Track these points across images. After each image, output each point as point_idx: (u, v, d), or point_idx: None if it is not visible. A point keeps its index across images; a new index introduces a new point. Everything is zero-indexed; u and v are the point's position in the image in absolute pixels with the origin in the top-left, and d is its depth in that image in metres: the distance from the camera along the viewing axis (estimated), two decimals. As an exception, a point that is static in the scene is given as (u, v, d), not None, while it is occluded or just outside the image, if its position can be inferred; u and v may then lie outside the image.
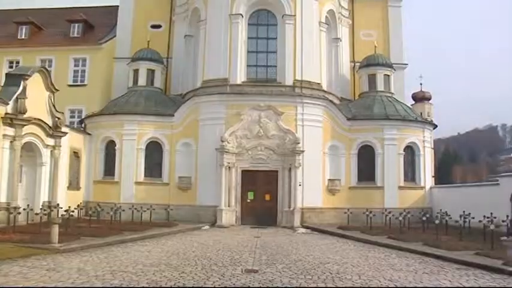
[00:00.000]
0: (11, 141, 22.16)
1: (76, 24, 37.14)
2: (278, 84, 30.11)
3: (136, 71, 32.74)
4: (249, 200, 28.70)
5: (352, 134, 30.67)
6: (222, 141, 27.86)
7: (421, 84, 60.23)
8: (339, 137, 30.48)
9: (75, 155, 29.23)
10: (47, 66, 30.23)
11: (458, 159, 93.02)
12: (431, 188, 31.24)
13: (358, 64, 34.55)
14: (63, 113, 27.31)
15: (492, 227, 17.38)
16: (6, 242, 15.77)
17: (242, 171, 28.67)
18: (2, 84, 23.43)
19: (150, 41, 33.65)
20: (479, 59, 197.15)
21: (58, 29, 38.01)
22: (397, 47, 36.55)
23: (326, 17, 32.82)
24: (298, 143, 28.20)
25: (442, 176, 69.22)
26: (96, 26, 37.90)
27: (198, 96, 30.00)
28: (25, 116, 22.68)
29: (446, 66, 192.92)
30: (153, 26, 35.86)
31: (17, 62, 35.40)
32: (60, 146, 26.13)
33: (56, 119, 25.67)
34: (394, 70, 33.90)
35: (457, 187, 35.06)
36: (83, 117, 32.85)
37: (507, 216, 18.11)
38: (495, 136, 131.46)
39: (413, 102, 56.44)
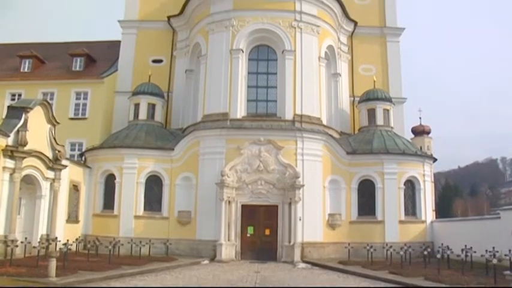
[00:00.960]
0: (10, 174, 22.16)
1: (78, 58, 37.60)
2: (278, 118, 30.28)
3: (137, 105, 32.96)
4: (248, 235, 28.48)
5: (352, 168, 30.65)
6: (222, 176, 27.81)
7: (420, 118, 60.68)
8: (339, 171, 30.46)
9: (75, 188, 29.15)
10: (48, 99, 30.39)
11: (458, 193, 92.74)
12: (432, 222, 31.04)
13: (357, 99, 34.84)
14: (63, 145, 27.38)
15: (495, 261, 17.24)
16: (2, 275, 15.63)
17: (242, 205, 28.53)
18: (4, 117, 23.57)
19: (151, 75, 34.01)
20: (479, 92, 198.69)
21: (61, 62, 38.49)
22: (396, 81, 36.92)
23: (325, 52, 33.22)
24: (298, 178, 28.14)
25: (443, 209, 69.00)
26: (98, 60, 38.37)
27: (198, 130, 30.12)
28: (26, 148, 22.74)
29: (445, 100, 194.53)
30: (155, 61, 36.37)
31: (19, 95, 35.64)
32: (60, 179, 26.11)
33: (57, 151, 25.73)
34: (394, 104, 34.14)
35: (459, 221, 34.90)
36: (83, 150, 32.89)
37: (509, 250, 17.98)
38: (495, 169, 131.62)
39: (413, 136, 56.75)
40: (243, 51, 31.04)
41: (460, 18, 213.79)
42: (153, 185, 30.23)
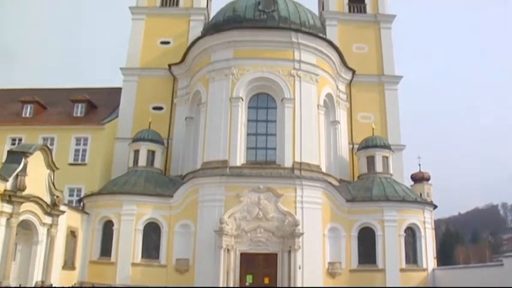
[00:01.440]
0: (7, 219, 21.95)
1: (79, 104, 37.82)
2: (277, 166, 30.33)
3: (136, 152, 33.03)
4: (248, 283, 28.02)
5: (352, 216, 30.50)
6: (221, 223, 27.63)
7: (419, 164, 60.74)
8: (339, 219, 30.29)
9: (72, 234, 28.89)
10: (48, 145, 30.40)
11: (460, 240, 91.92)
12: (433, 270, 30.65)
13: (356, 146, 34.93)
14: (62, 191, 27.25)
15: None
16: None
17: (241, 253, 28.22)
18: (3, 161, 23.62)
19: (152, 122, 34.24)
20: (478, 138, 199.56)
21: (62, 108, 38.71)
22: (395, 128, 37.12)
23: (324, 100, 33.62)
24: (298, 225, 27.97)
25: (444, 256, 68.21)
26: (99, 106, 38.66)
27: (197, 177, 30.10)
28: (24, 193, 22.61)
29: (444, 146, 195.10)
30: (155, 108, 36.68)
31: (20, 140, 35.63)
32: (57, 225, 25.86)
33: (55, 197, 25.58)
34: (393, 151, 34.21)
35: (461, 268, 34.39)
36: (82, 196, 32.73)
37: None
38: (496, 215, 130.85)
39: (413, 182, 56.67)
40: (242, 99, 31.42)
41: (458, 64, 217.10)
42: (151, 232, 29.97)
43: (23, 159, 23.10)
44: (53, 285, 23.64)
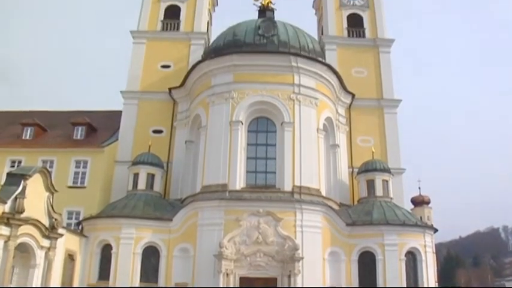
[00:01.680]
0: (5, 241, 21.80)
1: (79, 127, 37.82)
2: (277, 190, 30.31)
3: (136, 175, 32.97)
4: (247, 308, 27.83)
5: (352, 240, 30.38)
6: (221, 247, 27.52)
7: (419, 188, 60.64)
8: (339, 243, 30.16)
9: (70, 257, 28.65)
10: (48, 167, 30.31)
11: (461, 263, 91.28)
12: (435, 294, 30.41)
13: (356, 170, 34.89)
14: (60, 214, 27.11)
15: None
16: None
17: (240, 278, 28.08)
18: (2, 184, 23.53)
19: (151, 146, 34.25)
20: (479, 162, 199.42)
21: (62, 131, 38.72)
22: (395, 152, 37.09)
23: (324, 124, 33.76)
24: (298, 250, 27.86)
25: (446, 280, 67.75)
26: (99, 129, 38.67)
27: (197, 201, 30.08)
28: (22, 216, 22.54)
29: (445, 169, 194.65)
30: (155, 131, 36.72)
31: (19, 162, 35.56)
32: (56, 248, 25.65)
33: (53, 220, 25.45)
34: (392, 175, 34.15)
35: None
36: (80, 219, 32.57)
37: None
38: (497, 238, 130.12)
39: (413, 206, 56.51)
40: (242, 123, 31.58)
41: (458, 88, 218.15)
42: (150, 256, 29.80)
43: (22, 182, 23.09)
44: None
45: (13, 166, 34.88)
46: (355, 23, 41.29)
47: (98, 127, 38.81)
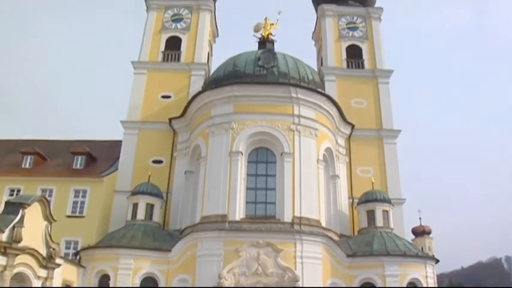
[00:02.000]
0: (1, 271, 21.67)
1: (79, 157, 37.81)
2: (277, 221, 30.20)
3: (135, 205, 32.84)
4: None
5: (353, 271, 30.13)
6: (220, 279, 27.34)
7: (420, 218, 60.37)
8: (339, 274, 29.92)
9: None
10: (47, 196, 30.41)
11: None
12: (437, 327, 30.02)
13: (356, 200, 34.79)
14: (58, 243, 26.93)
15: None
16: None
17: (240, 310, 27.73)
18: (1, 212, 23.46)
19: (151, 176, 34.17)
20: (480, 192, 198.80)
21: (62, 160, 38.72)
22: (395, 182, 37.06)
23: (324, 154, 33.82)
24: (298, 281, 27.67)
25: (448, 311, 66.74)
26: (98, 159, 38.68)
27: (196, 232, 29.90)
28: (20, 245, 22.43)
29: (445, 199, 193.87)
30: (155, 161, 36.71)
31: (18, 191, 35.45)
32: (53, 278, 25.39)
33: (51, 249, 25.29)
34: (393, 205, 34.04)
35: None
36: (78, 249, 32.30)
37: None
38: (500, 269, 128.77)
39: (414, 237, 56.17)
40: (242, 154, 31.65)
41: (457, 116, 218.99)
42: (148, 287, 29.43)
43: (21, 211, 23.08)
44: None
45: (12, 195, 34.80)
46: (354, 54, 41.87)
47: (98, 156, 38.83)
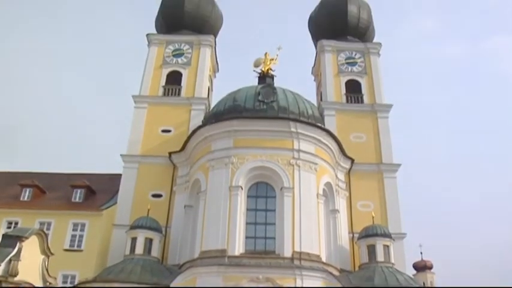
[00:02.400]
0: (-4, 305, 21.47)
1: (79, 190, 37.78)
2: (277, 256, 29.96)
3: (134, 239, 32.57)
4: None
5: (354, 307, 29.72)
6: (219, 314, 26.94)
7: (421, 253, 59.61)
8: (340, 310, 29.50)
9: (63, 322, 28.04)
10: (45, 229, 30.32)
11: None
12: None
13: (356, 235, 34.53)
14: (55, 278, 26.84)
15: None
16: None
17: None
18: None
19: (150, 210, 34.05)
20: (481, 224, 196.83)
21: (61, 193, 38.68)
22: (395, 216, 36.92)
23: (324, 189, 33.79)
24: (298, 317, 27.23)
25: None
26: (98, 192, 38.64)
27: (195, 267, 29.59)
28: (16, 279, 22.30)
29: (447, 233, 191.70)
30: (154, 195, 36.67)
31: (16, 223, 35.30)
32: (48, 313, 25.15)
33: (48, 283, 25.15)
34: (393, 240, 33.81)
35: None
36: (76, 283, 31.93)
37: None
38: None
39: (415, 272, 55.38)
40: (242, 188, 31.64)
41: (459, 150, 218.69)
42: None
43: (18, 244, 22.97)
44: None
45: (9, 227, 34.66)
46: (353, 89, 42.32)
47: (98, 190, 38.80)
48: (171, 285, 29.44)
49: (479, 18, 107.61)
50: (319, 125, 35.23)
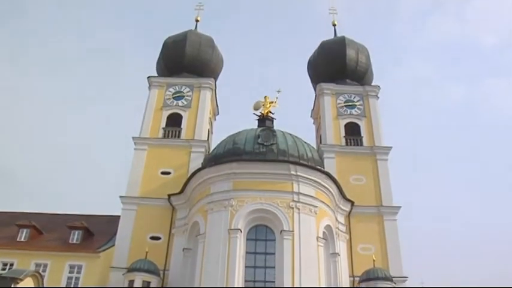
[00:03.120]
0: None
1: (76, 231, 37.39)
2: (277, 301, 29.49)
3: (131, 282, 32.19)
4: None
5: None
6: None
7: (423, 293, 58.86)
8: None
9: None
10: (41, 271, 30.12)
11: None
12: None
13: (357, 278, 34.09)
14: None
15: None
16: None
17: None
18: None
19: (148, 252, 33.72)
20: (483, 266, 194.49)
21: (58, 234, 38.30)
22: (396, 259, 36.50)
23: (324, 232, 33.56)
24: None
25: None
26: (95, 234, 38.25)
27: (193, 311, 29.15)
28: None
29: (447, 272, 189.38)
30: (152, 238, 36.34)
31: (12, 265, 34.83)
32: None
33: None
34: (395, 283, 33.40)
35: None
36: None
37: None
38: None
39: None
40: (241, 231, 31.44)
41: (459, 190, 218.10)
42: None
43: (13, 286, 22.58)
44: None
45: (4, 269, 34.24)
46: (352, 131, 42.56)
47: (95, 231, 38.45)
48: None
49: (475, 61, 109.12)
50: (319, 167, 35.30)
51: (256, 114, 41.04)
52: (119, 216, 37.68)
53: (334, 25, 52.04)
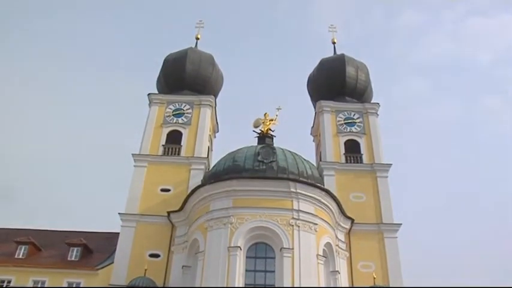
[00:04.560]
0: None
1: (75, 248, 37.45)
2: (277, 319, 29.23)
3: (129, 301, 32.01)
4: None
5: None
6: None
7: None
8: None
9: None
10: (38, 288, 29.74)
11: None
12: None
13: (358, 296, 33.99)
14: None
15: None
16: None
17: None
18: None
19: (147, 270, 33.58)
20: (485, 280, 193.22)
21: (57, 251, 38.29)
22: (397, 277, 36.40)
23: (324, 249, 33.38)
24: None
25: None
26: (94, 251, 38.19)
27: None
28: None
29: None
30: (152, 255, 36.15)
31: (9, 282, 34.86)
32: None
33: None
34: (397, 304, 33.28)
35: None
36: None
37: None
38: None
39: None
40: (241, 249, 31.26)
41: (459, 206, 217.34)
42: None
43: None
44: None
45: (2, 285, 34.26)
46: (352, 149, 42.61)
47: (94, 248, 38.41)
48: None
49: (472, 79, 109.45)
50: (319, 185, 35.29)
51: (256, 132, 41.16)
52: (118, 233, 37.53)
53: (333, 43, 52.42)
